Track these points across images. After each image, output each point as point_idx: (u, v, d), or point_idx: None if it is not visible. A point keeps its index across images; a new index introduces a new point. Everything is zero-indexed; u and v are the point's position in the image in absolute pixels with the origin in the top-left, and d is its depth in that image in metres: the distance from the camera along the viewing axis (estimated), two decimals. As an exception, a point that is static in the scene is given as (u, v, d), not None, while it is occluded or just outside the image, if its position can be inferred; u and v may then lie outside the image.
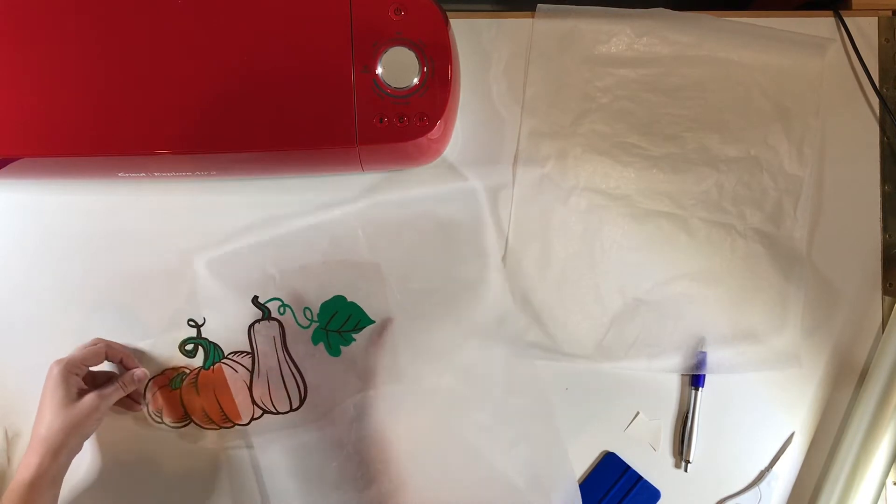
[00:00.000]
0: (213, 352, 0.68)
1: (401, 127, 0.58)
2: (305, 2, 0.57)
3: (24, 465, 0.57)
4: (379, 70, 0.57)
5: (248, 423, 0.67)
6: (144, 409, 0.68)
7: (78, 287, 0.68)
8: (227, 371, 0.68)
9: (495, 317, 0.69)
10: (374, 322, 0.68)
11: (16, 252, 0.69)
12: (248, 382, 0.67)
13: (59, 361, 0.59)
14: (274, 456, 0.67)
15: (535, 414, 0.68)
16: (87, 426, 0.59)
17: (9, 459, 0.68)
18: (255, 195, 0.69)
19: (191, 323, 0.68)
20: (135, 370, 0.65)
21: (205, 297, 0.68)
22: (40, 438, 0.57)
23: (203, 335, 0.68)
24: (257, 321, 0.68)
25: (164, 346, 0.68)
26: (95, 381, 0.63)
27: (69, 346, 0.64)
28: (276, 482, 0.67)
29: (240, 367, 0.68)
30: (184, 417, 0.68)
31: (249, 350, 0.68)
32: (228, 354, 0.68)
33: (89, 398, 0.60)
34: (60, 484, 0.58)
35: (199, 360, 0.68)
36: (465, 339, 0.68)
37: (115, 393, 0.62)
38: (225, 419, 0.68)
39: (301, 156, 0.61)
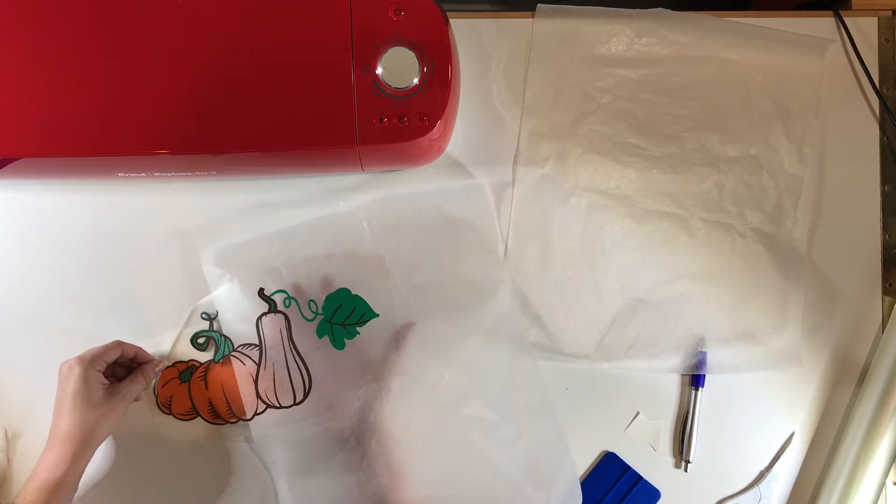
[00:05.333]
0: (224, 344, 0.68)
1: (401, 127, 0.58)
2: (305, 2, 0.57)
3: (51, 463, 0.56)
4: (379, 70, 0.57)
5: (251, 418, 0.67)
6: (155, 401, 0.68)
7: (78, 287, 0.68)
8: (235, 364, 0.68)
9: (499, 312, 0.69)
10: (377, 315, 0.68)
11: (16, 252, 0.69)
12: (254, 375, 0.68)
13: (79, 360, 0.58)
14: (276, 450, 0.67)
15: (537, 410, 0.68)
16: (115, 421, 0.60)
17: (9, 459, 0.68)
18: (257, 194, 0.69)
19: (203, 316, 0.69)
20: (157, 361, 0.66)
21: (213, 291, 0.68)
22: (67, 437, 0.56)
23: (214, 328, 0.69)
24: (264, 314, 0.68)
25: (170, 341, 0.68)
26: (110, 374, 0.63)
27: (69, 345, 0.64)
28: (279, 475, 0.67)
29: (248, 359, 0.68)
30: (191, 411, 0.68)
31: (257, 342, 0.68)
32: (238, 347, 0.68)
33: (119, 394, 0.60)
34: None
35: (208, 354, 0.69)
36: (469, 335, 0.68)
37: (139, 384, 0.62)
38: (230, 413, 0.68)
39: (301, 156, 0.61)
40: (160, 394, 0.68)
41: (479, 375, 0.68)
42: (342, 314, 0.68)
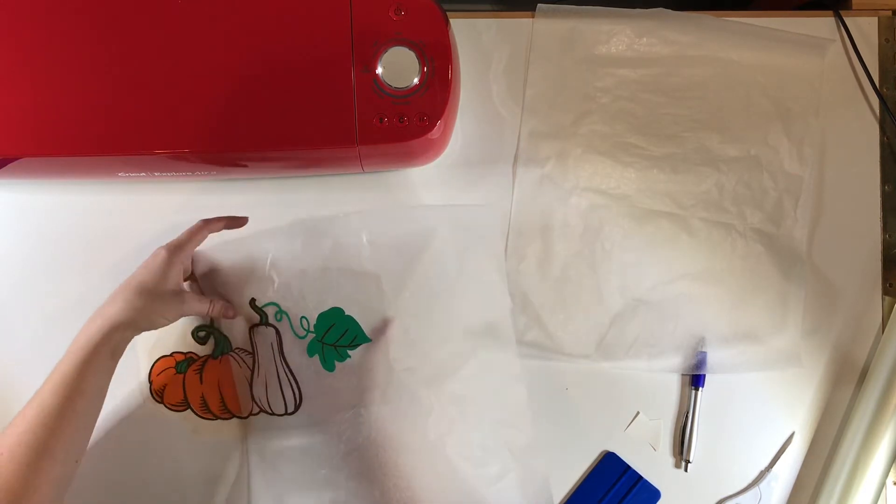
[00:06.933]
0: (223, 342, 0.68)
1: (401, 127, 0.58)
2: (305, 2, 0.57)
3: (85, 336, 0.54)
4: (379, 70, 0.57)
5: (247, 417, 0.67)
6: (148, 388, 0.67)
7: (78, 287, 0.68)
8: (232, 364, 0.68)
9: (495, 347, 0.67)
10: (370, 340, 0.65)
11: (15, 252, 0.69)
12: (249, 380, 0.67)
13: (167, 246, 0.58)
14: (266, 453, 0.66)
15: (524, 448, 0.67)
16: (165, 321, 0.58)
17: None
18: (257, 194, 0.69)
19: None
20: (228, 307, 0.64)
21: (214, 291, 0.67)
22: (112, 313, 0.55)
23: (215, 324, 0.69)
24: (256, 325, 0.66)
25: (170, 333, 0.68)
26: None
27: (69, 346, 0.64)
28: (265, 479, 0.66)
29: (244, 363, 0.68)
30: (183, 402, 0.68)
31: (251, 350, 0.68)
32: (235, 349, 0.68)
33: (183, 301, 0.59)
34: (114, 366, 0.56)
35: (208, 349, 0.69)
36: (461, 367, 0.66)
37: (202, 307, 0.61)
38: (224, 410, 0.68)
39: (301, 156, 0.61)
40: (154, 381, 0.68)
41: (469, 409, 0.66)
42: (334, 335, 0.65)
